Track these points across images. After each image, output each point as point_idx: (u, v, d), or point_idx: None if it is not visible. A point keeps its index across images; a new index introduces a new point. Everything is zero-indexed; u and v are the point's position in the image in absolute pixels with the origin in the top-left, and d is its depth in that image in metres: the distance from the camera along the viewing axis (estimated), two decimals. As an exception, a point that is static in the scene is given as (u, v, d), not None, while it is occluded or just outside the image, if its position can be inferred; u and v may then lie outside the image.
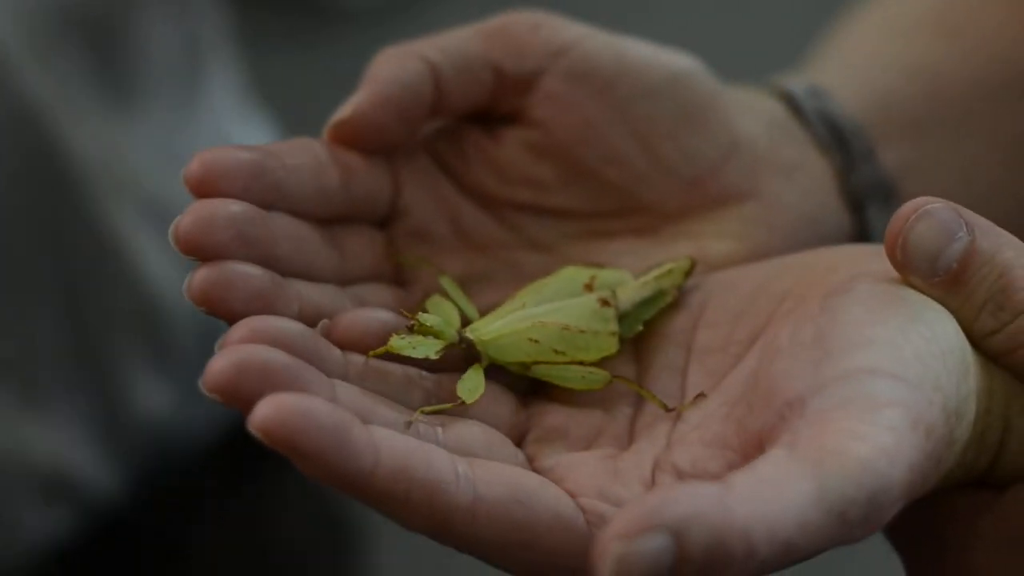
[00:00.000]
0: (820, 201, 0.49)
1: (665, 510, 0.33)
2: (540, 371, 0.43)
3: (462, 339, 0.42)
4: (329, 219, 0.44)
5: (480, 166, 0.47)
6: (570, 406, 0.43)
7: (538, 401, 0.43)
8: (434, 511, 0.37)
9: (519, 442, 0.42)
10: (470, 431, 0.41)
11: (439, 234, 0.46)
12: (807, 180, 0.49)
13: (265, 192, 0.42)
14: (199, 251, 0.40)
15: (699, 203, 0.47)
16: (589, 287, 0.45)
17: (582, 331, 0.43)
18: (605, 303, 0.44)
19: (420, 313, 0.42)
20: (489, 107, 0.47)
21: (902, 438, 0.35)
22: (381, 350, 0.41)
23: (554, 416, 0.43)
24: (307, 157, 0.44)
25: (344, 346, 0.41)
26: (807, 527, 0.34)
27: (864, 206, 0.50)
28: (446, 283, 0.44)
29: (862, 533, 0.35)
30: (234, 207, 0.41)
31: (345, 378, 0.40)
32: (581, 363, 0.43)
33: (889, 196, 0.51)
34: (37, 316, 0.68)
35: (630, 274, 0.45)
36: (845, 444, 0.35)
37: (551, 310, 0.44)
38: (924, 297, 0.39)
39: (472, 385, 0.42)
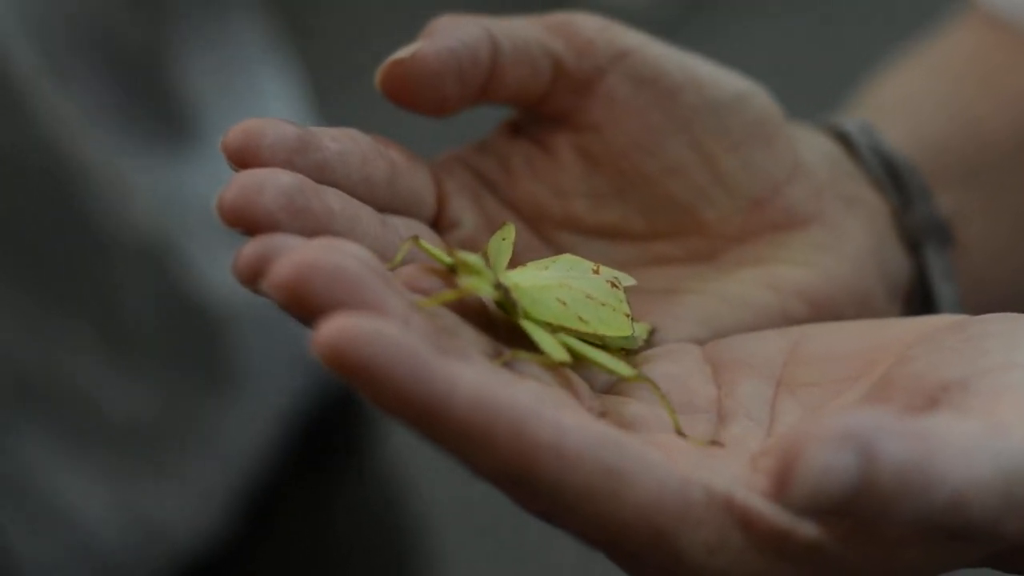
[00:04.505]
0: (880, 236, 0.48)
1: (855, 427, 0.31)
2: (566, 340, 0.40)
3: (499, 284, 0.39)
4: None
5: (529, 180, 0.45)
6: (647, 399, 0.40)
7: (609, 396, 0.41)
8: (521, 445, 0.33)
9: None
10: (545, 381, 0.38)
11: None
12: (866, 214, 0.48)
13: (311, 170, 0.39)
14: (246, 222, 0.37)
15: (761, 225, 0.46)
16: (596, 272, 0.43)
17: (603, 304, 0.42)
18: (614, 285, 0.43)
19: (458, 251, 0.39)
20: (540, 103, 0.45)
21: None
22: (451, 294, 0.38)
23: (632, 407, 0.40)
24: (353, 144, 0.41)
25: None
26: (978, 484, 0.32)
27: (921, 245, 0.49)
28: (509, 230, 0.42)
29: (1012, 527, 0.33)
30: (285, 177, 0.37)
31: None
32: (604, 345, 0.41)
33: (945, 238, 0.50)
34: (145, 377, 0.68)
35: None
36: (1021, 420, 0.33)
37: (572, 277, 0.42)
38: None
39: (553, 344, 0.39)
